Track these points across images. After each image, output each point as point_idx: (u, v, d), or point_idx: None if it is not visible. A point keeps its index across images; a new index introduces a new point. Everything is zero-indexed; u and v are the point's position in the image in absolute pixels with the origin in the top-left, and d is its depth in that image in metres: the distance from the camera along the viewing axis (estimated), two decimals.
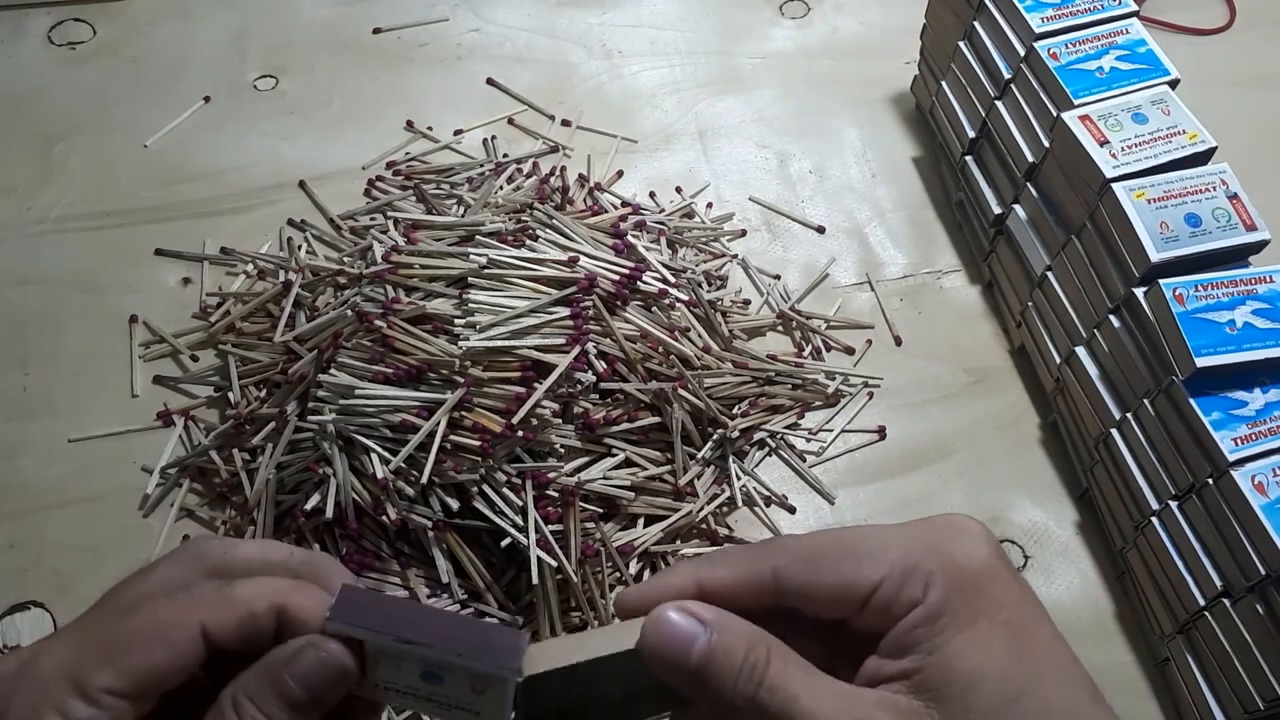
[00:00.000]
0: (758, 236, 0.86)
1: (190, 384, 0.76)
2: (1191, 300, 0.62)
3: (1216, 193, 0.66)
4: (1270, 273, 0.63)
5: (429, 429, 0.63)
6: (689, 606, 0.35)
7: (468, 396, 0.63)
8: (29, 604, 0.67)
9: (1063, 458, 0.75)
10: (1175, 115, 0.69)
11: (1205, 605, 0.61)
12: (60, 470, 0.73)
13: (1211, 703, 0.62)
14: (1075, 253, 0.70)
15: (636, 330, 0.70)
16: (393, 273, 0.69)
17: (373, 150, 0.88)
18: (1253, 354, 0.61)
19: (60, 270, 0.82)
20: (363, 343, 0.67)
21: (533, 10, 0.99)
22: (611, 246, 0.73)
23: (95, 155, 0.88)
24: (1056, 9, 0.75)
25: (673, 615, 0.35)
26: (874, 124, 0.93)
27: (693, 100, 0.94)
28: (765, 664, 0.34)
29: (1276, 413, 0.60)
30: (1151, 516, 0.65)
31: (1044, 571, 0.71)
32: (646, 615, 0.35)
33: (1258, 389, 0.61)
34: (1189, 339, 0.61)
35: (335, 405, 0.65)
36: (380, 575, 0.65)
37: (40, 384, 0.76)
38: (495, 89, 0.93)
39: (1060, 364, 0.73)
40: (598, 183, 0.86)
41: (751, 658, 0.34)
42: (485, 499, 0.64)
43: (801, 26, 0.99)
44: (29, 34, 0.95)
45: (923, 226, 0.87)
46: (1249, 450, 0.59)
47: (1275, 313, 0.62)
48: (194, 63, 0.94)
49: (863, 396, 0.77)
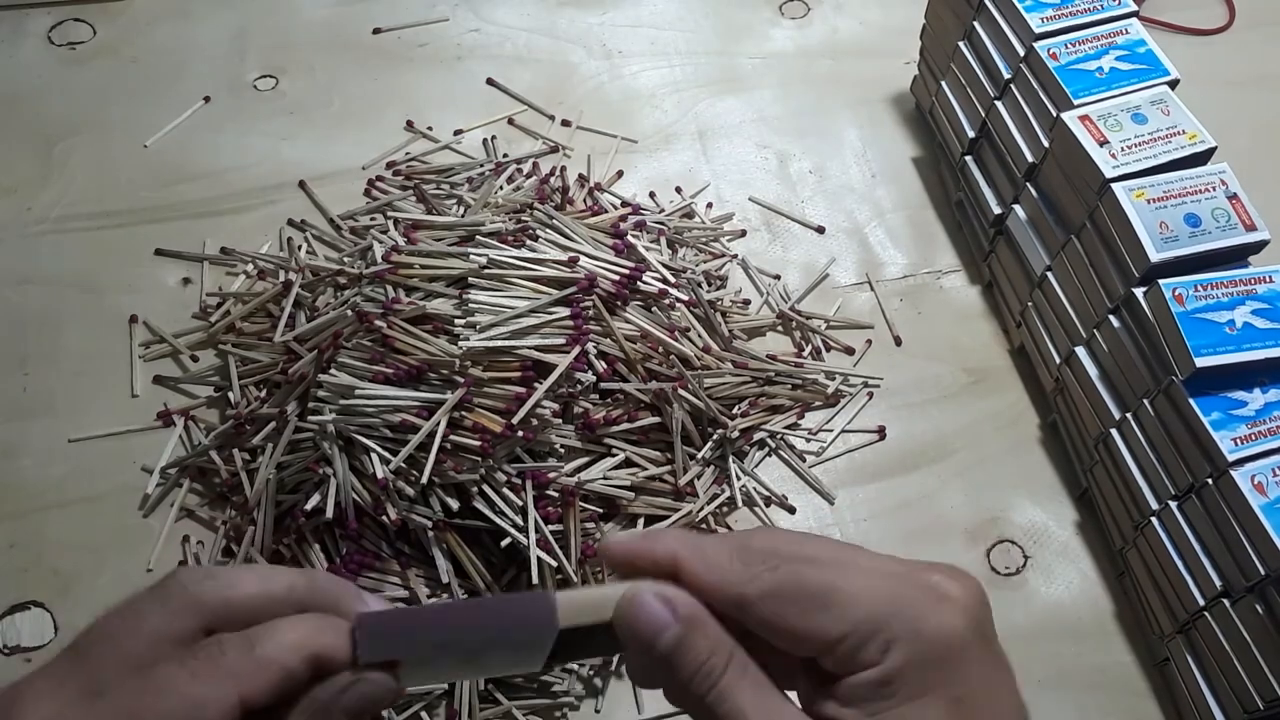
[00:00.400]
0: (758, 236, 0.86)
1: (190, 384, 0.76)
2: (1191, 300, 0.62)
3: (1216, 193, 0.66)
4: (1270, 273, 0.63)
5: (429, 429, 0.63)
6: (667, 594, 0.35)
7: (468, 396, 0.63)
8: (29, 604, 0.67)
9: (1063, 458, 0.75)
10: (1175, 115, 0.69)
11: (1205, 605, 0.61)
12: (60, 470, 0.73)
13: (1211, 703, 0.62)
14: (1075, 253, 0.70)
15: (636, 330, 0.70)
16: (393, 273, 0.69)
17: (373, 150, 0.88)
18: (1252, 354, 0.61)
19: (60, 270, 0.82)
20: (363, 343, 0.67)
21: (533, 10, 0.99)
22: (611, 246, 0.73)
23: (95, 155, 0.88)
24: (1056, 9, 0.75)
25: (650, 600, 0.35)
26: (874, 124, 0.93)
27: (693, 100, 0.94)
28: (722, 672, 0.35)
29: (1276, 413, 0.60)
30: (1151, 516, 0.65)
31: (1044, 571, 0.71)
32: (627, 584, 0.36)
33: (1257, 389, 0.61)
34: (1189, 339, 0.61)
35: (335, 405, 0.65)
36: (380, 575, 0.65)
37: (40, 384, 0.76)
38: (495, 89, 0.93)
39: (1060, 364, 0.73)
40: (598, 183, 0.86)
41: (711, 663, 0.35)
42: (485, 499, 0.64)
43: (801, 26, 0.99)
44: (29, 34, 0.95)
45: (923, 226, 0.87)
46: (1249, 450, 0.59)
47: (1275, 313, 0.62)
48: (194, 63, 0.94)
49: (863, 396, 0.78)
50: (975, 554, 0.71)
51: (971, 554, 0.71)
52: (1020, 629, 0.69)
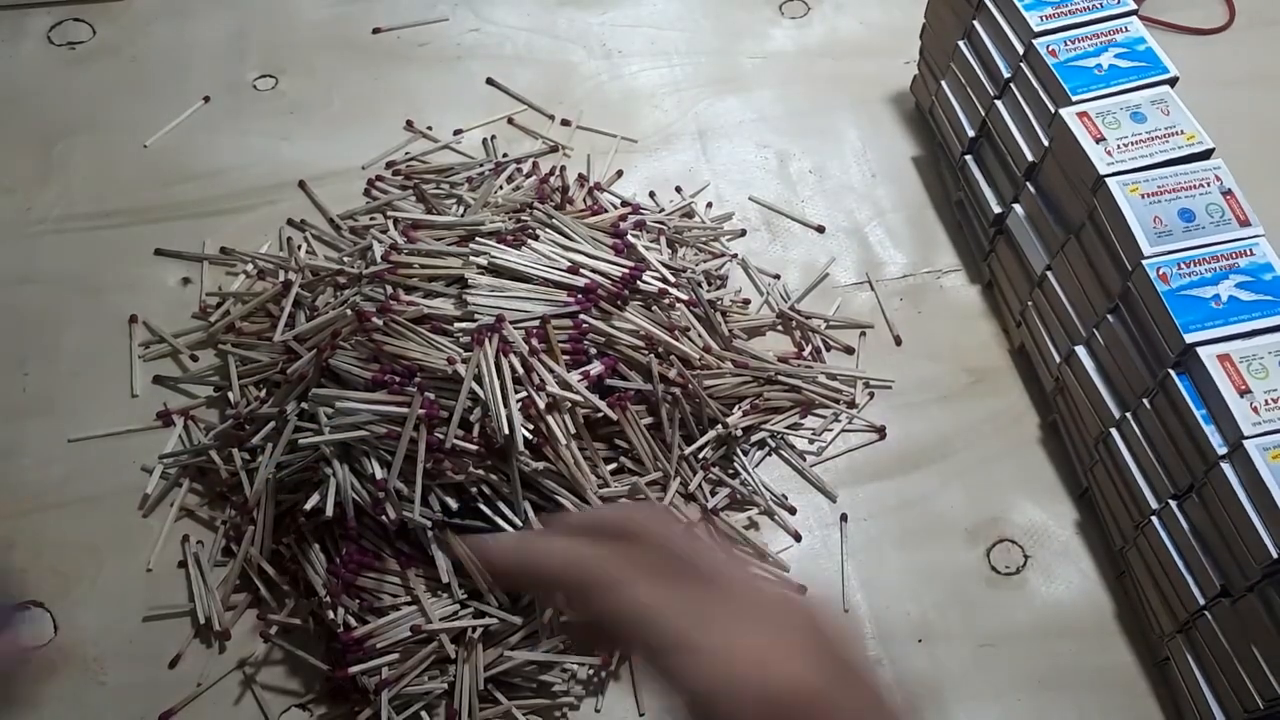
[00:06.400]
0: (758, 236, 0.86)
1: (190, 384, 0.76)
2: (1176, 278, 0.62)
3: (1210, 188, 0.66)
4: (1250, 245, 0.64)
5: (404, 445, 0.62)
6: None
7: (433, 411, 0.63)
8: (29, 604, 0.67)
9: (1063, 458, 0.75)
10: (1174, 115, 0.69)
11: (1205, 605, 0.61)
12: (60, 470, 0.73)
13: (1211, 702, 0.62)
14: (1075, 252, 0.70)
15: (637, 330, 0.70)
16: (392, 272, 0.69)
17: (373, 150, 0.88)
18: (1240, 327, 0.61)
19: (60, 270, 0.82)
20: (362, 342, 0.67)
21: (533, 10, 0.99)
22: (611, 246, 0.73)
23: (95, 155, 0.88)
24: (1055, 8, 0.75)
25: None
26: (874, 124, 0.93)
27: (693, 100, 0.94)
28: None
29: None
30: (1151, 516, 0.65)
31: (1044, 571, 0.71)
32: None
33: None
34: (1176, 316, 0.61)
35: (330, 412, 0.65)
36: (380, 575, 0.65)
37: (40, 384, 0.76)
38: (495, 89, 0.93)
39: (1060, 364, 0.73)
40: (597, 182, 0.86)
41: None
42: (485, 499, 0.64)
43: (801, 26, 0.99)
44: (29, 34, 0.96)
45: (923, 226, 0.87)
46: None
47: (1260, 284, 0.62)
48: (194, 63, 0.94)
49: (863, 396, 0.77)
50: (975, 554, 0.71)
51: (971, 554, 0.71)
52: (1020, 629, 0.69)
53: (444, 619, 0.63)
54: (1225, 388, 0.59)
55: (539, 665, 0.64)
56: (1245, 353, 0.60)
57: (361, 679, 0.63)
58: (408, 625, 0.63)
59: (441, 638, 0.63)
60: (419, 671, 0.63)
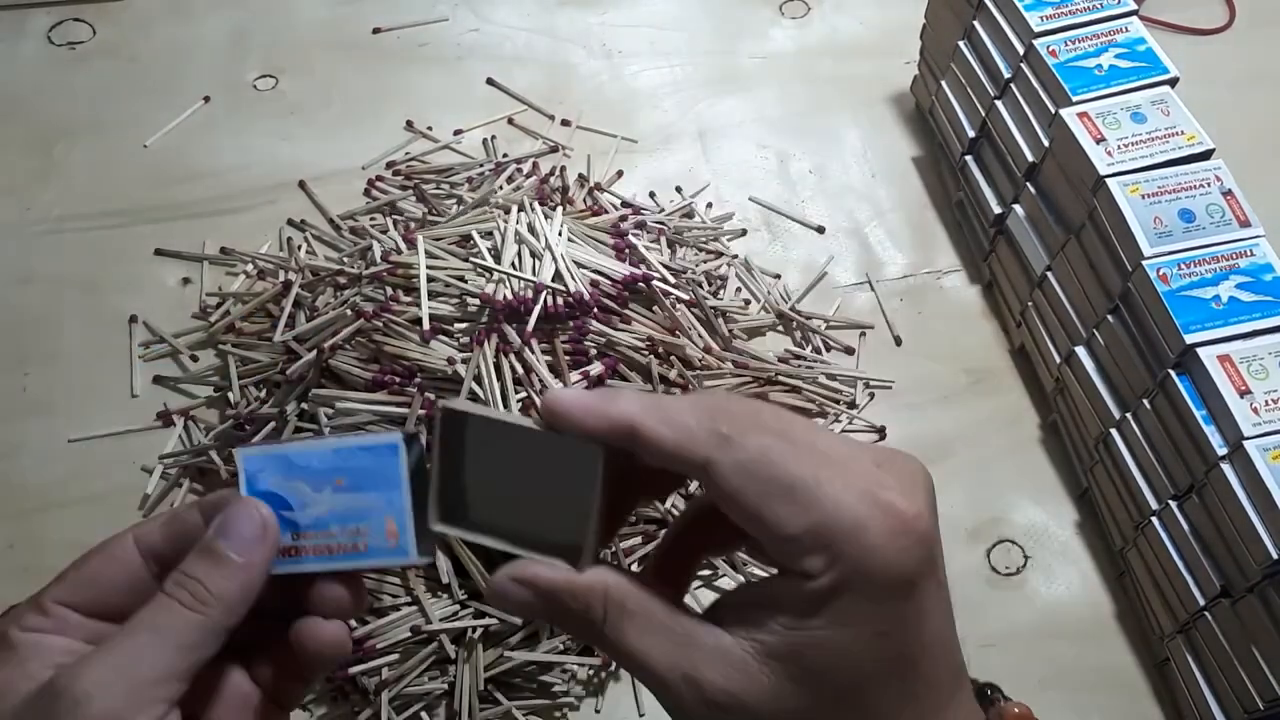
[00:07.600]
0: (758, 236, 0.86)
1: (190, 384, 0.76)
2: (1176, 279, 0.62)
3: (1211, 189, 0.66)
4: (1250, 245, 0.64)
5: None
6: (524, 575, 0.35)
7: (433, 411, 0.63)
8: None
9: (1063, 458, 0.75)
10: (1175, 116, 0.69)
11: (1205, 605, 0.61)
12: (60, 470, 0.73)
13: (1211, 703, 0.62)
14: (1075, 252, 0.70)
15: (637, 330, 0.70)
16: (392, 273, 0.69)
17: (373, 150, 0.88)
18: (1240, 328, 0.61)
19: (60, 270, 0.82)
20: (362, 343, 0.67)
21: (533, 10, 0.99)
22: (612, 246, 0.73)
23: (95, 155, 0.88)
24: (1056, 8, 0.75)
25: (510, 588, 0.35)
26: (874, 124, 0.93)
27: (693, 100, 0.94)
28: (602, 621, 0.34)
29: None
30: (1151, 516, 0.65)
31: (1044, 571, 0.71)
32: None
33: None
34: (1177, 317, 0.61)
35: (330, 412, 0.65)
36: (379, 575, 0.65)
37: (40, 384, 0.76)
38: (495, 89, 0.93)
39: (1060, 364, 0.73)
40: (598, 183, 0.85)
41: (589, 616, 0.34)
42: None
43: (801, 26, 0.99)
44: (29, 34, 0.95)
45: (923, 226, 0.87)
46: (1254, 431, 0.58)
47: (1259, 285, 0.62)
48: (194, 63, 0.94)
49: (863, 397, 0.77)
50: (975, 554, 0.71)
51: (971, 554, 0.71)
52: (1020, 629, 0.69)
53: (444, 619, 0.63)
54: (1225, 388, 0.59)
55: (539, 665, 0.64)
56: (1245, 353, 0.60)
57: (361, 679, 0.63)
58: (408, 625, 0.63)
59: (441, 638, 0.63)
60: (419, 672, 0.63)
